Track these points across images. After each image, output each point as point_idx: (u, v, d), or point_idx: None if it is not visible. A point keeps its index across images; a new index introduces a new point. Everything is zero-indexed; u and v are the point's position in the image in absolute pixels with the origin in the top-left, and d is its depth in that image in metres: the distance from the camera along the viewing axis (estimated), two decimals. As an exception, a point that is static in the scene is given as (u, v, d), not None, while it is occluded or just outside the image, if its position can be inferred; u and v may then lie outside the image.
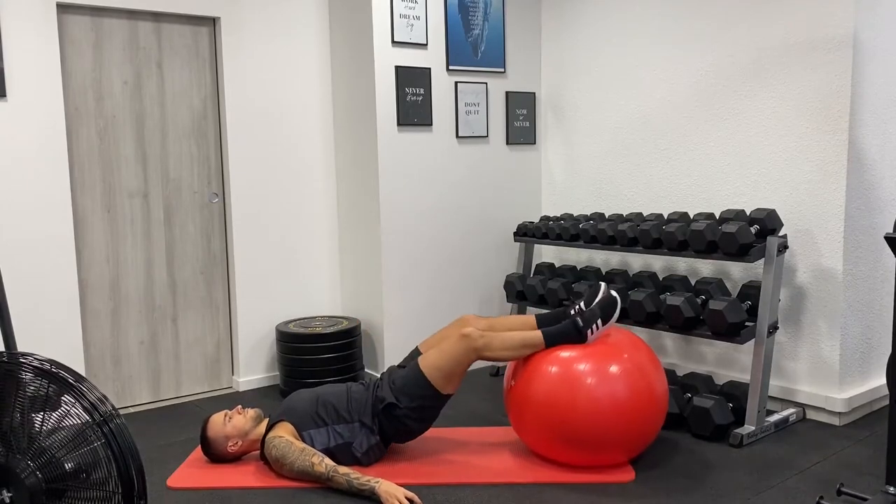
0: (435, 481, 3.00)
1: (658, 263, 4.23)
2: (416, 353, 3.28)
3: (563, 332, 3.05)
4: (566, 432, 2.94)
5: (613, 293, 3.12)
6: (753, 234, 3.40)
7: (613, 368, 2.94)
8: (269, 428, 3.13)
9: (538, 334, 3.06)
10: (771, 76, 3.65)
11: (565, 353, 3.00)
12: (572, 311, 3.21)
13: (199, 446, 3.36)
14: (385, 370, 3.31)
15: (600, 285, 3.21)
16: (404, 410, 3.09)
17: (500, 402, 4.00)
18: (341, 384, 3.30)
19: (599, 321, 3.04)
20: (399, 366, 3.26)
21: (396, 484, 2.85)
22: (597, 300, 3.15)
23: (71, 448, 1.99)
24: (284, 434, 3.05)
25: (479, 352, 3.05)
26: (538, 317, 3.28)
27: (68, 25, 3.76)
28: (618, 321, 3.84)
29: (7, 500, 2.03)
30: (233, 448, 3.18)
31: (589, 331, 3.03)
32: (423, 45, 4.30)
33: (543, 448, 3.08)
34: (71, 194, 3.78)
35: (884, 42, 3.48)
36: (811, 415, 3.61)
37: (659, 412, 3.04)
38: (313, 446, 3.06)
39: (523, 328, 3.21)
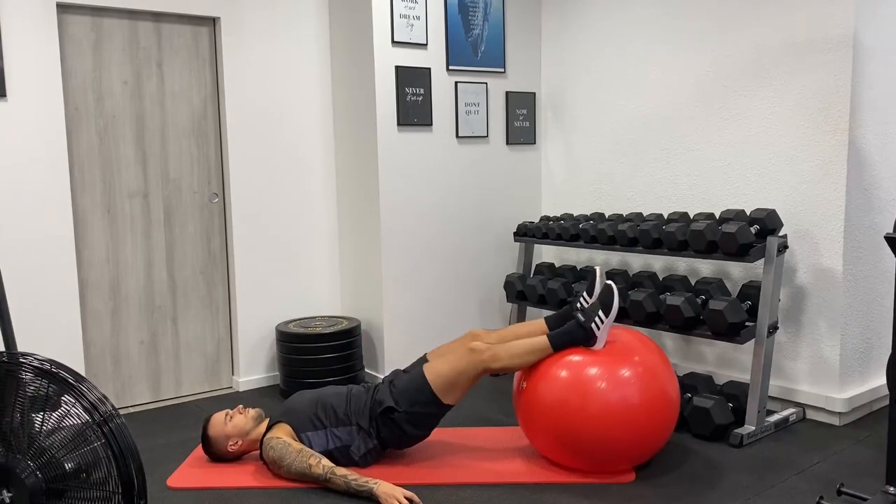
0: (435, 481, 3.00)
1: (658, 263, 4.23)
2: (423, 360, 3.26)
3: (568, 332, 3.02)
4: (575, 437, 2.91)
5: (609, 282, 3.07)
6: (753, 234, 3.40)
7: (625, 372, 2.91)
8: (268, 429, 3.13)
9: (544, 340, 3.03)
10: (771, 76, 3.65)
11: (575, 357, 2.97)
12: (577, 306, 3.18)
13: (200, 445, 3.36)
14: (388, 374, 3.30)
15: (594, 270, 3.17)
16: (402, 414, 3.08)
17: (500, 402, 4.00)
18: (343, 386, 3.29)
19: (601, 314, 2.98)
20: (404, 370, 3.25)
21: (396, 484, 2.84)
22: (595, 291, 3.12)
23: (71, 448, 1.99)
24: (282, 435, 3.05)
25: (485, 364, 3.03)
26: (548, 319, 3.25)
27: (68, 25, 3.76)
28: (618, 321, 3.85)
29: (7, 500, 2.03)
30: (233, 447, 3.18)
31: (593, 325, 2.97)
32: (423, 45, 4.30)
33: (552, 452, 3.05)
34: (71, 194, 3.78)
35: (884, 42, 3.48)
36: (811, 415, 3.61)
37: (671, 417, 3.01)
38: (311, 448, 3.06)
39: (532, 334, 3.18)
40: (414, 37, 4.25)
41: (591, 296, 3.17)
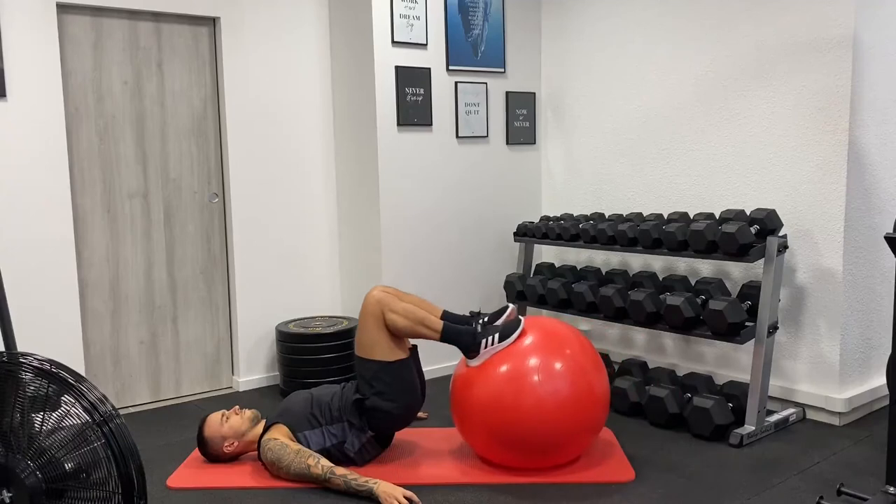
0: (434, 481, 3.00)
1: (658, 263, 4.23)
2: None
3: (460, 333, 3.06)
4: (505, 433, 2.93)
5: (520, 317, 3.11)
6: (753, 234, 3.40)
7: (557, 366, 2.94)
8: (265, 430, 3.13)
9: (439, 323, 3.07)
10: (771, 76, 3.65)
11: (511, 352, 2.99)
12: (476, 322, 3.17)
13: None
14: None
15: (508, 306, 3.19)
16: (371, 399, 3.08)
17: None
18: (336, 385, 3.30)
19: (496, 337, 3.01)
20: None
21: (395, 484, 2.85)
22: (501, 319, 3.13)
23: (71, 448, 1.99)
24: (279, 436, 3.05)
25: (381, 306, 3.04)
26: (445, 312, 3.25)
27: (68, 25, 3.76)
28: (618, 321, 3.86)
29: (7, 500, 2.04)
30: (229, 448, 3.18)
31: (484, 341, 3.01)
32: (423, 45, 4.30)
33: (487, 451, 3.07)
34: (71, 194, 3.78)
35: (884, 42, 3.48)
36: (811, 415, 3.61)
37: (600, 411, 3.03)
38: (309, 447, 3.06)
39: (430, 312, 3.19)
40: (414, 37, 4.25)
41: (491, 322, 3.16)
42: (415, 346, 3.23)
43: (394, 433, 3.27)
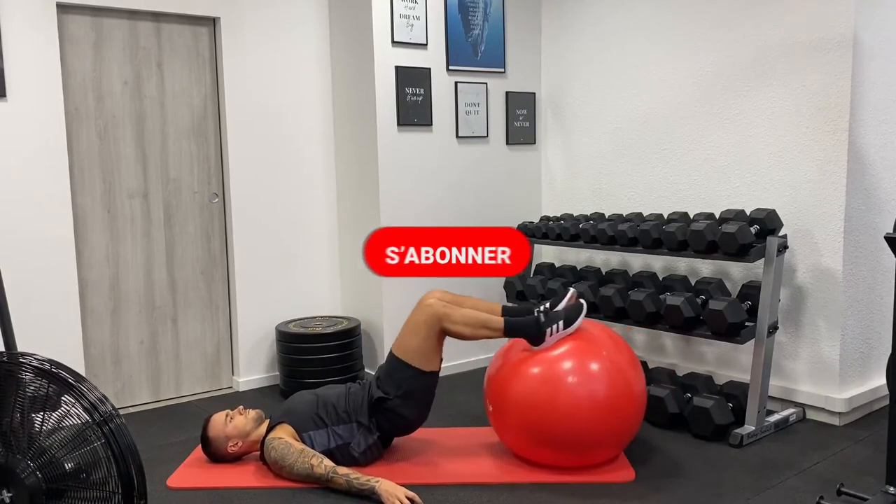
0: (435, 481, 3.00)
1: (658, 263, 4.23)
2: None
3: (523, 325, 3.05)
4: (545, 433, 2.94)
5: (581, 300, 3.12)
6: (753, 234, 3.40)
7: (593, 367, 2.94)
8: (269, 430, 3.13)
9: (500, 320, 3.06)
10: (771, 76, 3.65)
11: (547, 353, 3.00)
12: (537, 311, 3.18)
13: (200, 446, 3.36)
14: (377, 371, 3.31)
15: (569, 290, 3.21)
16: (394, 400, 3.09)
17: (500, 402, 4.00)
18: (341, 385, 3.30)
19: (561, 324, 3.02)
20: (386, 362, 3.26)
21: (397, 483, 2.85)
22: (562, 304, 3.13)
23: (71, 448, 2.00)
24: (284, 436, 3.05)
25: (440, 320, 3.05)
26: (504, 307, 3.27)
27: (68, 25, 3.76)
28: (618, 321, 3.86)
29: (7, 500, 2.04)
30: (233, 448, 3.18)
31: (548, 330, 3.01)
32: (423, 45, 4.30)
33: (523, 449, 3.08)
34: (71, 194, 3.78)
35: (884, 42, 3.48)
36: (811, 415, 3.61)
37: (637, 410, 3.04)
38: (313, 447, 3.06)
39: (490, 312, 3.20)
40: (414, 37, 4.25)
41: (553, 307, 3.17)
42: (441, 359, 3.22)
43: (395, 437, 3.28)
